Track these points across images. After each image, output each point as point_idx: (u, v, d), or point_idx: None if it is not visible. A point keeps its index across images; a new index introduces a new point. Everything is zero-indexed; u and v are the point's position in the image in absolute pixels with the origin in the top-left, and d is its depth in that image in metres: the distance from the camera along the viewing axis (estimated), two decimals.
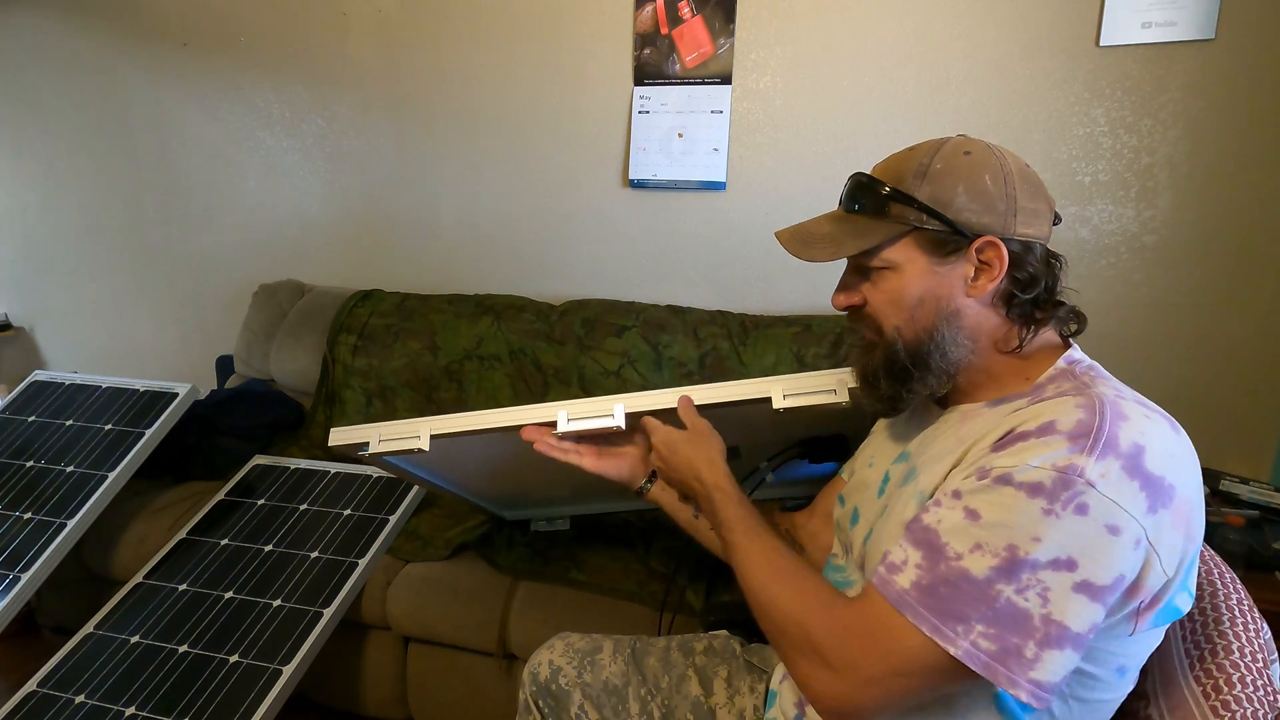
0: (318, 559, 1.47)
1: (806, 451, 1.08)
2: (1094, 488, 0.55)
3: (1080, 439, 0.57)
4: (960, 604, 0.57)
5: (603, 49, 1.92)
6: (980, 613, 0.57)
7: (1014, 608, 0.56)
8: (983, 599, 0.57)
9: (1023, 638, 0.56)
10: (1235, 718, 0.60)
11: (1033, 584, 0.56)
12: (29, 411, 1.75)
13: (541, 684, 0.97)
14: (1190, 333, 1.66)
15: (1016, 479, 0.58)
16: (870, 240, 0.72)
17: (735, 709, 0.92)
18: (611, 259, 2.05)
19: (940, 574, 0.59)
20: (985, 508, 0.59)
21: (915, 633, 0.59)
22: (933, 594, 0.59)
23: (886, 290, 0.72)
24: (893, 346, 0.72)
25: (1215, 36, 1.53)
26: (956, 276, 0.70)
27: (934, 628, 0.58)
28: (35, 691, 1.32)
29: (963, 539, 0.59)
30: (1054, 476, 0.56)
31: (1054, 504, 0.56)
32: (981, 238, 0.68)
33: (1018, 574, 0.56)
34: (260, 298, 2.18)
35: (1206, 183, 1.60)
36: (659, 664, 0.97)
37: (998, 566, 0.57)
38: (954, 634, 0.57)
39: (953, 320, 0.70)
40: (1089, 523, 0.55)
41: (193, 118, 2.34)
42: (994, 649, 0.56)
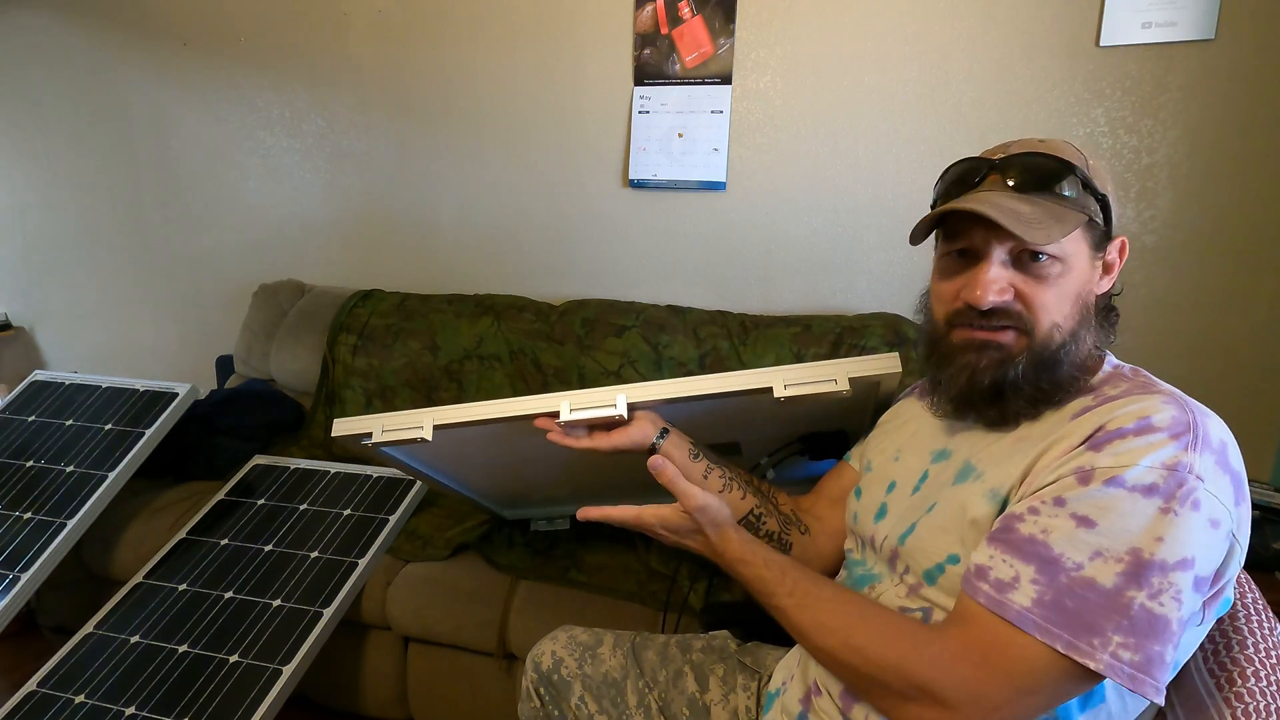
0: (318, 559, 1.47)
1: (807, 448, 1.08)
2: (1203, 483, 0.56)
3: (1182, 435, 0.57)
4: (1092, 615, 0.55)
5: (603, 49, 1.92)
6: (1115, 622, 0.55)
7: (1150, 614, 0.54)
8: (1115, 608, 0.55)
9: (1163, 644, 0.55)
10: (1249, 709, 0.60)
11: (1165, 587, 0.55)
12: (29, 411, 1.75)
13: (543, 673, 0.97)
14: (1190, 333, 1.66)
15: (1130, 481, 0.56)
16: (1068, 227, 0.66)
17: (729, 706, 0.93)
18: (611, 259, 2.05)
19: (1063, 586, 0.56)
20: (1098, 513, 0.57)
21: (1044, 650, 0.56)
22: (1059, 609, 0.56)
23: (1054, 284, 0.67)
24: (1047, 346, 0.67)
25: (1215, 36, 1.53)
26: (1097, 273, 0.70)
27: (1068, 644, 0.55)
28: (35, 691, 1.32)
29: (1079, 548, 0.57)
30: (1167, 475, 0.56)
31: (1170, 503, 0.55)
32: (1120, 237, 0.71)
33: (1147, 578, 0.55)
34: (260, 298, 2.18)
35: (1206, 183, 1.61)
36: (657, 659, 0.98)
37: (1124, 572, 0.55)
38: (1091, 648, 0.55)
39: (1089, 319, 0.69)
40: (1200, 519, 0.56)
41: (193, 118, 2.34)
42: (1137, 659, 0.54)
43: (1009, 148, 0.71)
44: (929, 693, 0.59)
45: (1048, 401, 0.68)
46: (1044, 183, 0.67)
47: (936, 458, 0.77)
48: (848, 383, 0.91)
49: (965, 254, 0.71)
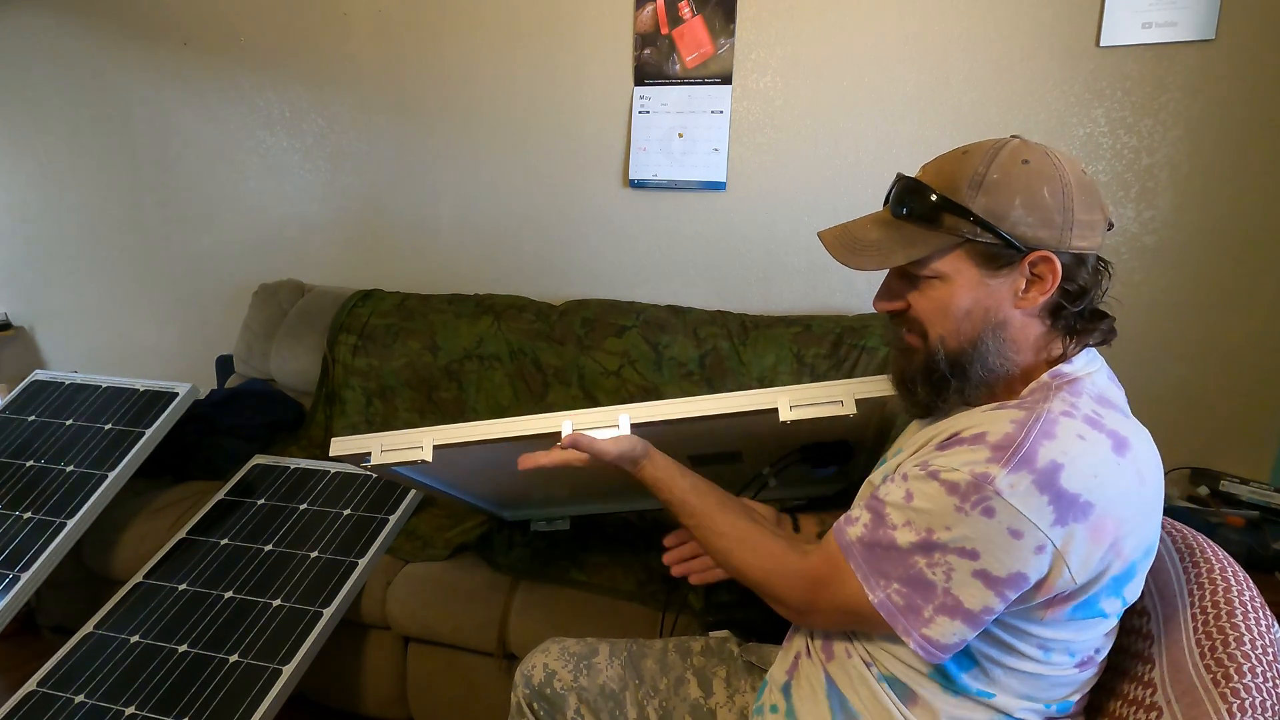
0: (318, 559, 1.47)
1: (809, 457, 1.08)
2: (999, 495, 0.62)
3: (1000, 451, 0.63)
4: (886, 564, 0.69)
5: (603, 49, 1.92)
6: (898, 574, 0.68)
7: (924, 576, 0.67)
8: (902, 564, 0.68)
9: (925, 600, 0.67)
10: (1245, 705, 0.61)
11: (940, 562, 0.66)
12: (29, 411, 1.75)
13: (535, 687, 0.96)
14: (1190, 333, 1.66)
15: (941, 476, 0.66)
16: (920, 250, 0.71)
17: (735, 708, 0.92)
18: (611, 259, 2.05)
19: (877, 536, 0.70)
20: (917, 494, 0.68)
21: (852, 577, 0.71)
22: (870, 550, 0.71)
23: (933, 299, 0.72)
24: (934, 355, 0.73)
25: (1215, 37, 1.53)
26: (1007, 288, 0.70)
27: (864, 576, 0.70)
28: (35, 691, 1.32)
29: (899, 513, 0.69)
30: (968, 480, 0.64)
31: (965, 503, 0.64)
32: (1036, 252, 0.68)
33: (930, 551, 0.66)
34: (260, 298, 2.18)
35: (1207, 183, 1.60)
36: (657, 666, 0.97)
37: (917, 542, 0.67)
38: (877, 585, 0.69)
39: (999, 331, 0.71)
40: (993, 524, 0.63)
41: (193, 118, 2.34)
42: (902, 604, 0.68)
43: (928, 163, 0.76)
44: (783, 602, 0.78)
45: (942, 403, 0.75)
46: (910, 209, 0.72)
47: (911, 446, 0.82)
48: (854, 405, 0.91)
49: None
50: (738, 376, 1.74)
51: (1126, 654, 0.77)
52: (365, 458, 1.01)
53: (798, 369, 1.71)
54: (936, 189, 0.70)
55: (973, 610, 0.65)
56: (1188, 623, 0.73)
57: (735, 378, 1.74)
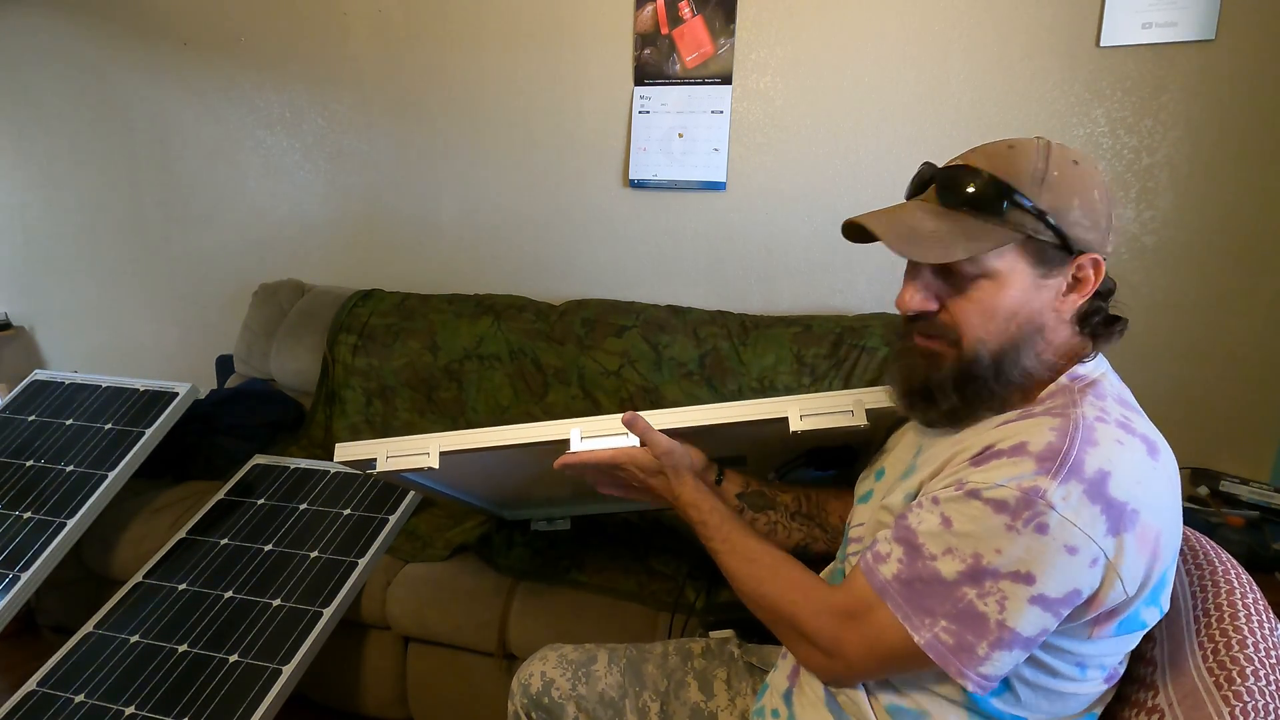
0: (317, 559, 1.47)
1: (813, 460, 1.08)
2: (1054, 509, 0.58)
3: (1047, 462, 0.60)
4: (930, 599, 0.63)
5: (603, 49, 1.92)
6: (945, 609, 0.62)
7: (974, 610, 0.61)
8: (949, 598, 0.62)
9: (978, 636, 0.61)
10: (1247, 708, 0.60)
11: (993, 591, 0.60)
12: (29, 411, 1.75)
13: (533, 696, 0.95)
14: (1190, 333, 1.66)
15: (985, 494, 0.61)
16: (983, 245, 0.65)
17: (737, 710, 0.92)
18: (611, 259, 2.05)
19: (917, 570, 0.64)
20: (957, 517, 0.63)
21: (890, 617, 0.65)
22: (909, 586, 0.64)
23: (978, 300, 0.67)
24: (972, 359, 0.68)
25: (1215, 37, 1.53)
26: (1051, 291, 0.68)
27: (905, 616, 0.64)
28: (35, 691, 1.32)
29: (937, 542, 0.64)
30: (1017, 496, 0.59)
31: (1016, 521, 0.59)
32: (1086, 254, 0.67)
33: (981, 580, 0.61)
34: (260, 298, 2.18)
35: (1207, 183, 1.60)
36: (657, 670, 0.96)
37: (964, 571, 0.62)
38: (921, 625, 0.63)
39: (1038, 335, 0.68)
40: (1048, 541, 0.59)
41: (193, 118, 2.34)
42: (952, 643, 0.62)
43: (969, 155, 0.70)
44: (810, 639, 0.72)
45: (972, 412, 0.70)
46: (967, 200, 0.67)
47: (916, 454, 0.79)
48: (864, 415, 0.90)
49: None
50: (738, 376, 1.74)
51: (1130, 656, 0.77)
52: (370, 464, 1.00)
53: (798, 369, 1.71)
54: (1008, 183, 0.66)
55: (1029, 637, 0.61)
56: (1190, 625, 0.72)
57: (735, 378, 1.74)
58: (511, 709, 0.97)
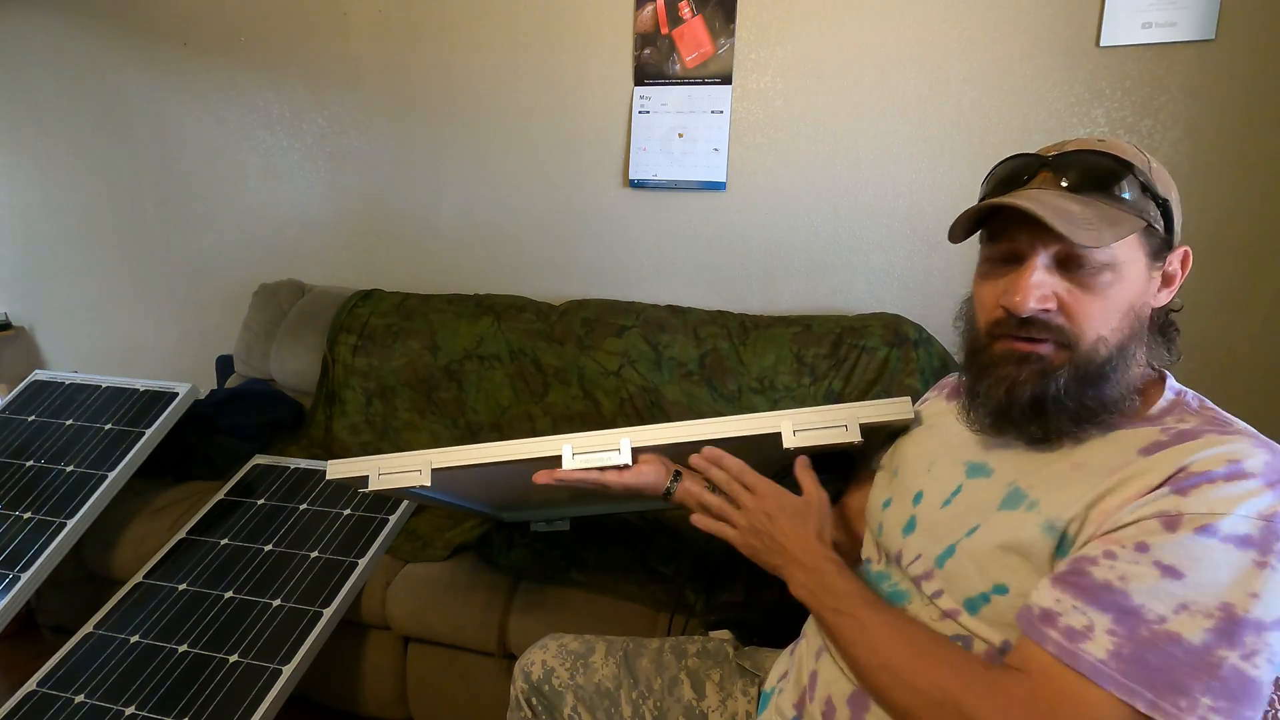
0: (318, 559, 1.47)
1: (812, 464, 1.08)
2: None
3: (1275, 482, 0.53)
4: (1178, 674, 0.50)
5: (603, 49, 1.92)
6: (1204, 683, 0.50)
7: (1243, 675, 0.50)
8: (1203, 667, 0.50)
9: (1256, 708, 0.50)
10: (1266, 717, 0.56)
11: (1260, 648, 0.50)
12: (29, 411, 1.75)
13: (534, 683, 0.96)
14: (1190, 333, 1.64)
15: (1223, 532, 0.52)
16: (1123, 230, 0.61)
17: (727, 713, 0.91)
18: (611, 259, 2.05)
19: (1144, 639, 0.52)
20: (1187, 563, 0.52)
21: (1121, 710, 0.51)
22: (1141, 664, 0.51)
23: (1103, 294, 0.62)
24: (1092, 360, 0.62)
25: (1215, 37, 1.53)
26: (1155, 284, 0.65)
27: (1151, 704, 0.50)
28: (35, 691, 1.32)
29: (1163, 599, 0.52)
30: (1263, 526, 0.51)
31: (1268, 556, 0.51)
32: (1182, 247, 0.66)
33: (1240, 637, 0.50)
34: (260, 298, 2.18)
35: (1207, 183, 1.60)
36: (651, 666, 0.96)
37: (1214, 629, 0.50)
38: (1177, 709, 0.50)
39: (1141, 333, 0.64)
40: None
41: (193, 118, 2.34)
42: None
43: (1064, 145, 0.67)
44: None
45: (1093, 420, 0.63)
46: (1099, 183, 0.63)
47: (973, 472, 0.71)
48: (859, 431, 0.89)
49: (1009, 257, 0.66)
50: (738, 376, 1.74)
51: None
52: (363, 481, 1.01)
53: (798, 369, 1.71)
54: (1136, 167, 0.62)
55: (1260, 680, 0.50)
56: None
57: (735, 378, 1.74)
58: (512, 693, 0.99)
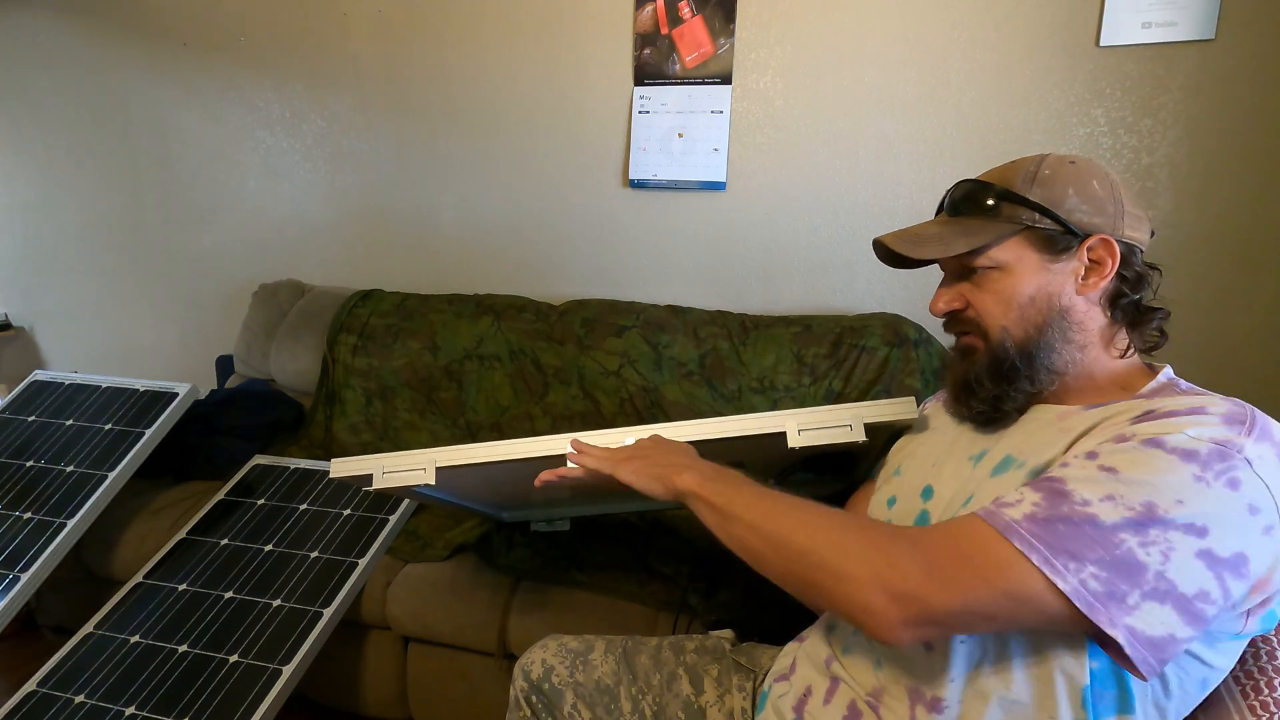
0: (318, 559, 1.47)
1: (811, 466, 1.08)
2: (1250, 466, 0.56)
3: (1236, 423, 0.58)
4: (1077, 544, 0.56)
5: (603, 49, 1.92)
6: (1097, 555, 0.56)
7: (1133, 558, 0.56)
8: (1103, 544, 0.56)
9: (1131, 585, 0.56)
10: None
11: (1159, 541, 0.56)
12: (29, 411, 1.75)
13: (533, 682, 0.97)
14: (1190, 333, 1.66)
15: (1170, 444, 0.58)
16: (981, 239, 0.73)
17: (725, 708, 0.92)
18: (611, 259, 2.05)
19: (1061, 514, 0.58)
20: (1127, 465, 0.58)
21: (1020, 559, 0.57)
22: (1048, 528, 0.58)
23: (994, 290, 0.73)
24: (1001, 347, 0.73)
25: (1215, 36, 1.53)
26: (1068, 274, 0.72)
27: (1044, 559, 0.57)
28: (35, 691, 1.32)
29: (1093, 488, 0.58)
30: (1211, 448, 0.57)
31: (1206, 472, 0.56)
32: (1094, 235, 0.70)
33: (1147, 529, 0.56)
34: (260, 298, 2.18)
35: (1206, 183, 1.60)
36: (650, 663, 0.97)
37: (1130, 519, 0.56)
38: (1065, 569, 0.56)
39: (1064, 317, 0.72)
40: (1236, 498, 0.56)
41: (193, 118, 2.34)
42: (1101, 590, 0.56)
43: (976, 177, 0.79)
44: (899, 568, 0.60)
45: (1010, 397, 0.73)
46: (966, 206, 0.76)
47: (976, 459, 0.76)
48: (863, 430, 0.89)
49: None
50: (738, 376, 1.74)
51: None
52: (367, 480, 1.01)
53: (798, 369, 1.71)
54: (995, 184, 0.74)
55: (1187, 595, 0.55)
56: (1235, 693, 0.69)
57: (735, 378, 1.74)
58: (512, 693, 1.00)
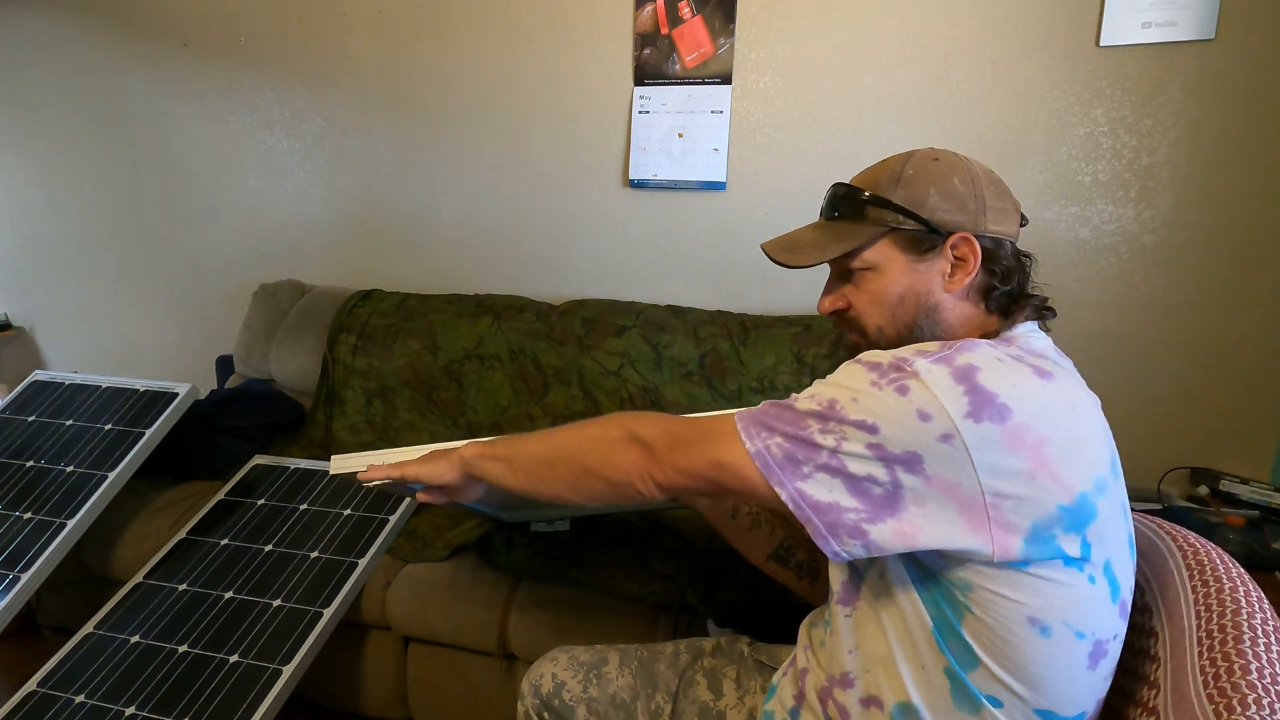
0: (318, 559, 1.47)
1: None
2: (918, 377, 0.63)
3: (923, 353, 0.65)
4: (774, 422, 0.68)
5: (603, 49, 1.92)
6: (784, 432, 0.67)
7: (812, 439, 0.66)
8: (792, 424, 0.67)
9: (806, 457, 0.65)
10: None
11: (834, 430, 0.65)
12: (29, 411, 1.75)
13: (544, 697, 0.95)
14: (1190, 333, 1.66)
15: (864, 359, 0.68)
16: (851, 242, 0.77)
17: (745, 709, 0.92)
18: (611, 259, 2.05)
19: (774, 408, 0.70)
20: (829, 375, 0.70)
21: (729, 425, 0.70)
22: (763, 414, 0.70)
23: (868, 291, 0.78)
24: (877, 342, 0.77)
25: (1215, 36, 1.53)
26: (935, 273, 0.75)
27: (745, 429, 0.69)
28: (35, 691, 1.32)
29: (805, 392, 0.70)
30: (889, 360, 0.65)
31: (881, 379, 0.64)
32: (955, 234, 0.74)
33: (827, 420, 0.65)
34: (260, 298, 2.18)
35: (1206, 183, 1.60)
36: (668, 670, 0.96)
37: (815, 410, 0.66)
38: (755, 436, 0.68)
39: (933, 314, 0.75)
40: (904, 403, 0.62)
41: (193, 118, 2.34)
42: (779, 456, 0.66)
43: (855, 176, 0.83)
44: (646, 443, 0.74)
45: None
46: (839, 209, 0.81)
47: None
48: None
49: None
50: (738, 376, 1.74)
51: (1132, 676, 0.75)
52: None
53: (798, 369, 1.71)
54: (862, 188, 0.78)
55: (856, 475, 0.63)
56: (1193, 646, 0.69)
57: (735, 378, 1.74)
58: (522, 709, 0.98)
